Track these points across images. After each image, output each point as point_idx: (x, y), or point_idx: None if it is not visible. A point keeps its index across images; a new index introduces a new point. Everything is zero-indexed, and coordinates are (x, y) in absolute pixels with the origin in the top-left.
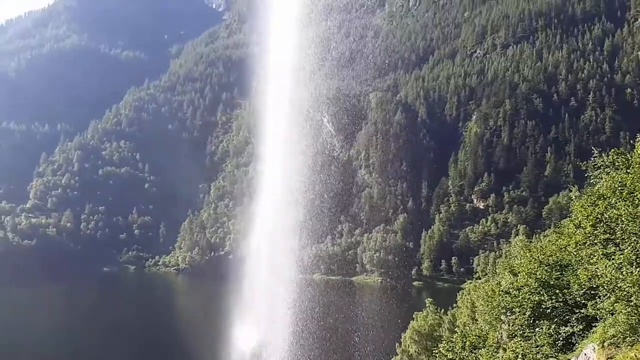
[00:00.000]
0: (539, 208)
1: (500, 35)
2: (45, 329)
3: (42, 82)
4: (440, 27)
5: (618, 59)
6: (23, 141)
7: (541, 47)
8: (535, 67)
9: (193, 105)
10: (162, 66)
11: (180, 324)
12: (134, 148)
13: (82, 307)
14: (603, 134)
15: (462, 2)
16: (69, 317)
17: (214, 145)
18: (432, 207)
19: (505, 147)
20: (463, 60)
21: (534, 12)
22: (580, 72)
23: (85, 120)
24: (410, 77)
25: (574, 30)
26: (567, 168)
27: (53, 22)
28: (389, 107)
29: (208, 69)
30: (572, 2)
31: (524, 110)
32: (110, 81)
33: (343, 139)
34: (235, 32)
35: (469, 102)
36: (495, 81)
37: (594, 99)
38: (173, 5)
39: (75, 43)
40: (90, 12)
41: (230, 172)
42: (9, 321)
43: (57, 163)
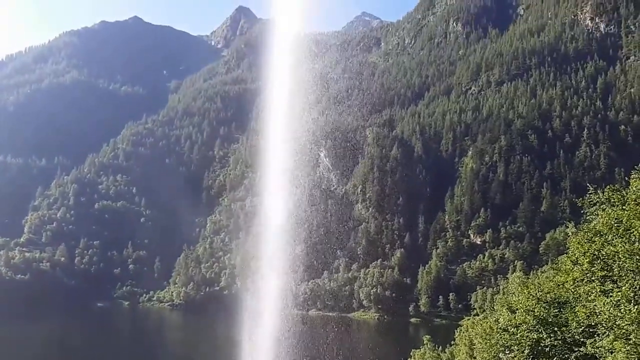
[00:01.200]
0: (536, 244)
1: (494, 72)
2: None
3: (40, 116)
4: (436, 65)
5: (611, 96)
6: (19, 175)
7: (535, 84)
8: (529, 104)
9: (191, 140)
10: (161, 101)
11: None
12: (130, 182)
13: (74, 343)
14: (598, 170)
15: (457, 40)
16: (60, 353)
17: (210, 179)
18: (429, 242)
19: (501, 182)
20: (458, 96)
21: (527, 51)
22: (574, 109)
23: (82, 155)
24: (406, 113)
25: (567, 68)
26: (563, 204)
27: (53, 58)
28: (386, 142)
29: (206, 103)
30: (565, 41)
31: (519, 146)
32: (108, 116)
33: (340, 173)
34: (233, 69)
35: (464, 137)
36: (490, 117)
37: (589, 136)
38: (173, 43)
39: (74, 78)
40: (91, 48)
41: (227, 206)
42: (1, 357)
43: (52, 197)
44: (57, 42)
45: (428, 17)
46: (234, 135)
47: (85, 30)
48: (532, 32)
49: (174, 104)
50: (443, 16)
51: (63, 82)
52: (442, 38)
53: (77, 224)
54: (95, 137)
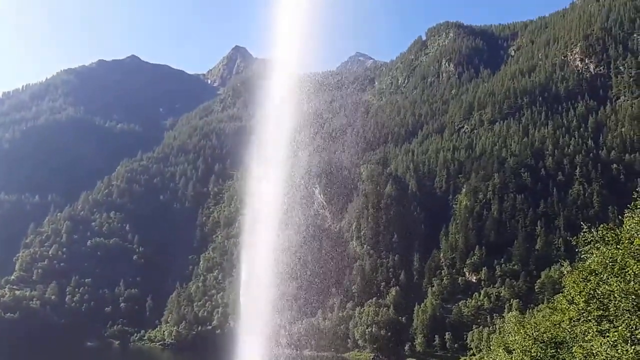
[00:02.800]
0: (532, 282)
1: (487, 111)
2: None
3: (35, 153)
4: (429, 104)
5: (602, 135)
6: (12, 212)
7: (527, 123)
8: (522, 143)
9: (185, 177)
10: (157, 138)
11: None
12: (124, 219)
13: None
14: (591, 208)
15: (449, 80)
16: None
17: (204, 216)
18: (425, 280)
19: (496, 220)
20: (451, 135)
21: (519, 90)
22: (567, 148)
23: (76, 191)
24: (400, 151)
25: (558, 108)
26: (557, 242)
27: (50, 95)
28: (380, 180)
29: (202, 141)
30: (556, 81)
31: (513, 184)
32: (104, 153)
33: (334, 210)
34: (229, 107)
35: (458, 175)
36: (483, 155)
37: (581, 174)
38: (170, 81)
39: (70, 115)
40: (88, 85)
41: (221, 243)
42: None
43: (45, 234)
44: (55, 80)
45: (421, 58)
46: (229, 171)
47: (82, 68)
48: (523, 73)
49: (170, 141)
50: (435, 56)
51: (59, 120)
52: (434, 78)
53: (69, 261)
54: (90, 174)
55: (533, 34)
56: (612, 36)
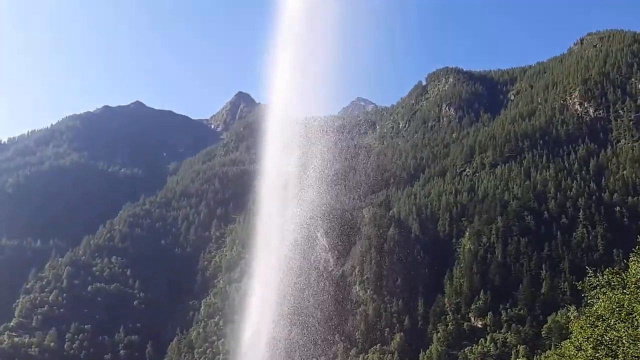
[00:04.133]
0: (538, 327)
1: (488, 155)
2: None
3: (38, 198)
4: (430, 147)
5: (604, 178)
6: (14, 257)
7: (529, 166)
8: (524, 186)
9: (187, 221)
10: (159, 183)
11: None
12: (125, 264)
13: None
14: (596, 251)
15: (450, 124)
16: None
17: (206, 260)
18: (429, 325)
19: (500, 264)
20: (453, 178)
21: (520, 134)
22: (569, 191)
23: (78, 236)
24: (403, 194)
25: (559, 151)
26: (563, 286)
27: (55, 141)
28: (383, 223)
29: (204, 185)
30: (556, 124)
31: (516, 228)
32: (107, 197)
33: (337, 254)
34: (232, 151)
35: (461, 218)
36: (486, 199)
37: (585, 217)
38: (174, 126)
39: (74, 160)
40: (93, 131)
41: (222, 288)
42: None
43: (46, 279)
44: (60, 125)
45: (421, 102)
46: (231, 215)
47: (88, 114)
48: (524, 116)
49: (172, 185)
50: (436, 101)
51: (63, 165)
52: (435, 122)
53: (69, 307)
54: (93, 218)
55: (532, 79)
56: (611, 80)
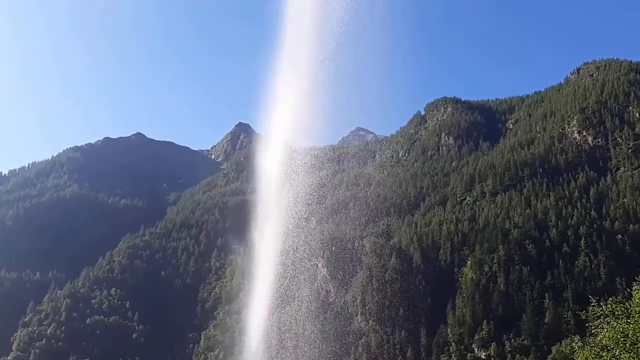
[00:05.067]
0: (542, 357)
1: (488, 183)
2: None
3: (38, 230)
4: (430, 176)
5: (605, 206)
6: (12, 290)
7: (529, 194)
8: (525, 214)
9: (187, 251)
10: (160, 213)
11: None
12: (124, 296)
13: None
14: (599, 280)
15: (449, 153)
16: None
17: (206, 291)
18: (433, 356)
19: (502, 293)
20: (454, 207)
21: (519, 162)
22: (570, 219)
23: (78, 268)
24: (403, 223)
25: (559, 179)
26: (567, 315)
27: (55, 172)
28: (384, 252)
29: (204, 215)
30: (555, 153)
31: (518, 256)
32: (106, 229)
33: (338, 284)
34: (232, 181)
35: (462, 247)
36: (487, 227)
37: (586, 245)
38: (174, 157)
39: (74, 192)
40: (93, 162)
41: (222, 320)
42: None
43: (44, 312)
44: (60, 157)
45: (420, 132)
46: (231, 246)
47: (88, 146)
48: (522, 145)
49: (172, 216)
50: (435, 130)
51: (63, 196)
52: (434, 151)
53: (67, 340)
54: (92, 250)
55: (530, 108)
56: (608, 109)
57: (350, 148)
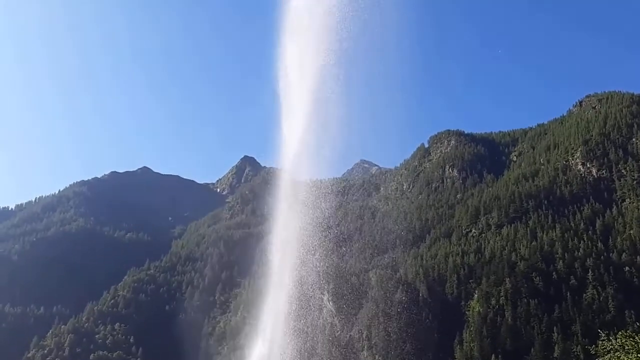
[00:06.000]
0: None
1: (493, 215)
2: None
3: (43, 264)
4: (435, 208)
5: (611, 238)
6: (16, 325)
7: (534, 226)
8: (531, 246)
9: (192, 285)
10: (165, 247)
11: None
12: (128, 331)
13: None
14: (608, 313)
15: (454, 185)
16: None
17: (210, 326)
18: None
19: (510, 327)
20: (459, 239)
21: (524, 194)
22: (576, 251)
23: (82, 303)
24: (409, 256)
25: (565, 211)
26: (576, 349)
27: (61, 207)
28: (389, 286)
29: (209, 248)
30: (559, 184)
31: (525, 289)
32: (111, 263)
33: (344, 318)
34: (237, 214)
35: (469, 280)
36: (493, 260)
37: (594, 278)
38: (180, 190)
39: (80, 226)
40: (99, 197)
41: (227, 354)
42: None
43: (47, 347)
44: (67, 191)
45: (424, 164)
46: (236, 279)
47: (95, 180)
48: (527, 177)
49: (177, 250)
50: (439, 163)
51: (68, 231)
52: (439, 183)
53: None
54: (97, 284)
55: (533, 140)
56: (612, 141)
57: (355, 180)
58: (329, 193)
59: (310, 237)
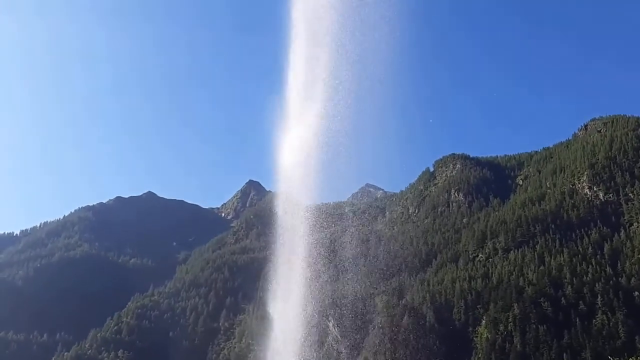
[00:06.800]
0: None
1: (500, 240)
2: None
3: (47, 290)
4: (441, 233)
5: (620, 262)
6: (19, 352)
7: (542, 251)
8: (539, 271)
9: (196, 311)
10: (169, 272)
11: None
12: (132, 357)
13: None
14: (618, 339)
15: (460, 209)
16: None
17: (214, 353)
18: None
19: (519, 353)
20: (466, 264)
21: (531, 218)
22: (585, 276)
23: (87, 329)
24: (415, 281)
25: (572, 235)
26: None
27: (66, 232)
28: (396, 312)
29: (214, 274)
30: (566, 208)
31: (534, 315)
32: (116, 289)
33: (350, 345)
34: (242, 239)
35: (476, 306)
36: (500, 285)
37: (603, 302)
38: (184, 215)
39: (85, 251)
40: (104, 222)
41: None
42: None
43: None
44: (72, 217)
45: (430, 188)
46: (241, 305)
47: (100, 205)
48: (533, 201)
49: (181, 275)
50: (444, 187)
51: (73, 256)
52: (445, 207)
53: None
54: (101, 310)
55: (539, 164)
56: (618, 164)
57: (360, 204)
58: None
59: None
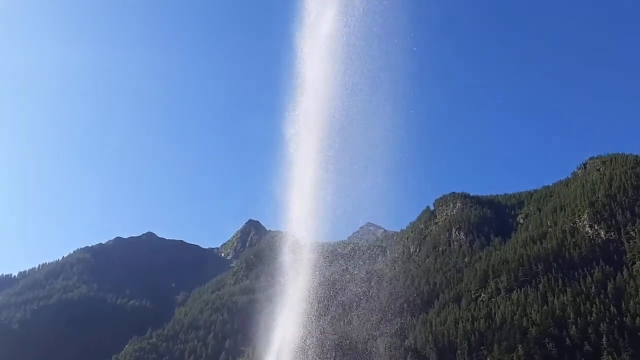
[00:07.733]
0: None
1: (502, 279)
2: None
3: (44, 333)
4: (443, 272)
5: (624, 301)
6: None
7: (545, 290)
8: (542, 311)
9: (195, 354)
10: (168, 314)
11: None
12: None
13: None
14: None
15: (461, 248)
16: None
17: None
18: None
19: None
20: (469, 304)
21: (532, 257)
22: (589, 316)
23: None
24: (418, 321)
25: (575, 274)
26: None
27: (65, 274)
28: (398, 354)
29: (213, 315)
30: (568, 247)
31: (538, 356)
32: (114, 331)
33: None
34: (242, 279)
35: (480, 347)
36: (504, 325)
37: (609, 343)
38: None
39: (83, 293)
40: (103, 263)
41: None
42: None
43: None
44: (71, 258)
45: (430, 227)
46: (240, 348)
47: (99, 246)
48: (535, 240)
49: (180, 317)
50: (445, 226)
51: (71, 298)
52: (446, 246)
53: None
54: (98, 353)
55: (539, 202)
56: (618, 202)
57: (361, 244)
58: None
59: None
